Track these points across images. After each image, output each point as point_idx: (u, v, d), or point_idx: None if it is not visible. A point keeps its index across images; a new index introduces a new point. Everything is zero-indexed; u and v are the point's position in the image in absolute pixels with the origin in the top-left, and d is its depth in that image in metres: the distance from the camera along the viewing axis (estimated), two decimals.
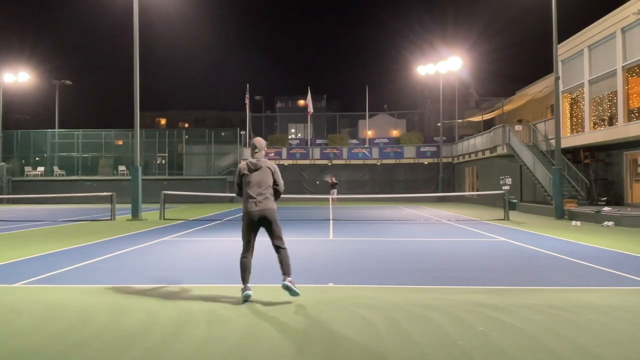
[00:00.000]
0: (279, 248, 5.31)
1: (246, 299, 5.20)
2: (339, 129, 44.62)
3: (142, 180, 18.48)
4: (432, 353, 3.71)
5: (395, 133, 43.80)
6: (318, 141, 39.39)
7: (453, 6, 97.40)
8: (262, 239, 5.55)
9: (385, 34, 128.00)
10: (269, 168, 5.42)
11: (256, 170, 5.35)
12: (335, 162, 35.88)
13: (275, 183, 5.43)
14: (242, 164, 5.46)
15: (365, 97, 38.81)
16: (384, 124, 47.25)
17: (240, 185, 5.46)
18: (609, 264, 7.65)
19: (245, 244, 5.34)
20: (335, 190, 29.15)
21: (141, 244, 10.31)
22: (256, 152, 5.47)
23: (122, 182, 31.62)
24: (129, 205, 18.03)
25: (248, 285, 5.28)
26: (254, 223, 5.28)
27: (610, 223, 14.21)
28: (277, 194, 5.48)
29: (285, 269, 5.23)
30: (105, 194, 19.63)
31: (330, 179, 31.75)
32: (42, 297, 5.63)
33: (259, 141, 5.55)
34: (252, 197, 5.27)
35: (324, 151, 36.32)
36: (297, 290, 5.15)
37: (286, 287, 5.13)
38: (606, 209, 16.07)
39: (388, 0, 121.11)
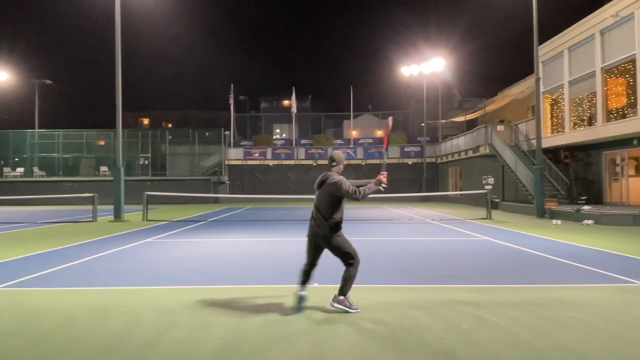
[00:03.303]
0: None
1: (299, 303, 4.88)
2: (323, 129, 44.68)
3: (125, 181, 18.26)
4: (416, 351, 3.74)
5: (379, 133, 43.99)
6: (303, 141, 39.39)
7: (436, 8, 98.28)
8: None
9: (370, 35, 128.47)
10: (331, 184, 4.80)
11: (319, 187, 4.89)
12: (320, 162, 35.88)
13: (341, 197, 4.82)
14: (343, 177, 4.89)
15: (349, 98, 38.96)
16: (369, 124, 47.43)
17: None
18: (589, 261, 7.80)
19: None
20: None
21: (124, 246, 10.19)
22: (333, 166, 5.00)
23: (104, 183, 31.18)
24: (111, 207, 17.78)
25: (304, 287, 4.93)
26: (312, 244, 4.91)
27: (590, 221, 14.47)
28: (355, 200, 4.82)
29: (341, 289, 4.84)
30: (86, 195, 19.34)
31: None
32: (22, 300, 5.53)
33: (337, 154, 5.07)
34: (312, 217, 4.90)
35: (308, 151, 36.33)
36: (351, 310, 4.80)
37: (334, 307, 4.83)
38: (586, 207, 16.38)
39: (372, 1, 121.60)
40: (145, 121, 65.53)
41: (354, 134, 41.62)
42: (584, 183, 20.83)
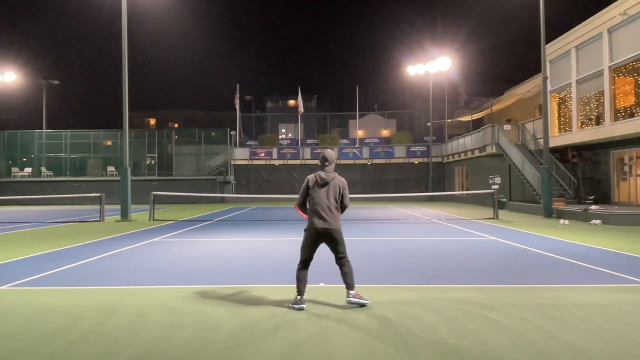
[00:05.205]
0: (342, 261, 5.24)
1: (300, 310, 4.96)
2: (329, 129, 44.63)
3: (132, 181, 18.35)
4: (422, 352, 3.73)
5: (385, 133, 43.93)
6: (309, 141, 39.36)
7: (442, 7, 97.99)
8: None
9: (376, 34, 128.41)
10: (338, 184, 5.27)
11: (325, 185, 5.21)
12: None
13: (342, 201, 5.30)
14: (311, 176, 5.34)
15: (355, 97, 38.92)
16: (374, 123, 47.37)
17: (306, 197, 5.37)
18: (597, 262, 7.74)
19: (304, 257, 5.31)
20: None
21: (130, 246, 10.24)
22: (326, 165, 5.29)
23: (111, 183, 31.37)
24: (118, 206, 17.88)
25: (303, 298, 5.07)
26: (317, 238, 5.23)
27: (598, 221, 14.36)
28: (342, 210, 5.37)
29: (349, 283, 5.14)
30: (94, 195, 19.46)
31: None
32: (29, 299, 5.57)
33: (330, 154, 5.38)
34: (318, 212, 5.15)
35: (314, 151, 36.30)
36: (364, 302, 5.07)
37: (351, 303, 5.05)
38: (593, 207, 16.26)
39: (378, 0, 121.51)
40: (152, 121, 65.80)
41: (360, 133, 41.57)
42: (591, 182, 20.67)
